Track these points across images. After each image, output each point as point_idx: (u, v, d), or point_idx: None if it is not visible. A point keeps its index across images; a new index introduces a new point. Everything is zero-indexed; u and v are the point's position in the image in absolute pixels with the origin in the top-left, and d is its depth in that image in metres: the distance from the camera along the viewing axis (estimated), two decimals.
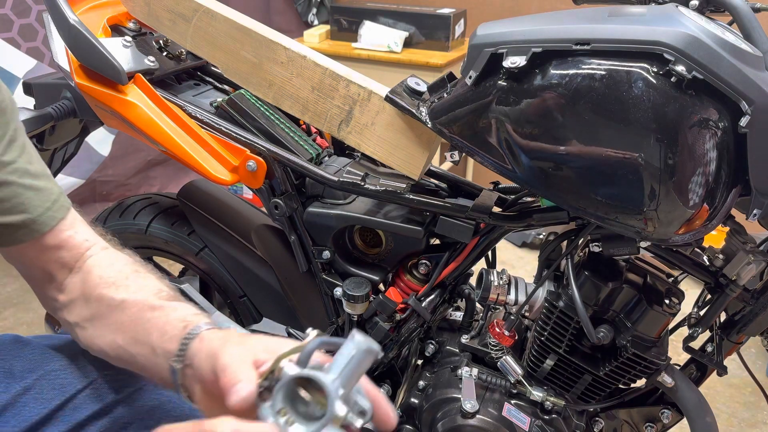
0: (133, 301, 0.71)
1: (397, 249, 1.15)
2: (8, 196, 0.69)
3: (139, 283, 0.74)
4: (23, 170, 0.71)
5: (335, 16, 2.67)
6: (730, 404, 1.90)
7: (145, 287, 0.74)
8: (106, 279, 0.74)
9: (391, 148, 1.07)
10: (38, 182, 0.72)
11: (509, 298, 1.11)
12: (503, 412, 1.12)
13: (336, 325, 1.23)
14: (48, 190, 0.73)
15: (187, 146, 1.11)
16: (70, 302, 0.76)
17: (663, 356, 1.04)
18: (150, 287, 0.74)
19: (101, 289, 0.74)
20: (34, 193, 0.71)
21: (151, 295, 0.72)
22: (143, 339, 0.68)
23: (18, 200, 0.70)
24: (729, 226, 1.01)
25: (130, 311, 0.71)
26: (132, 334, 0.70)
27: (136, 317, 0.70)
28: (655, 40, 0.79)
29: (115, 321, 0.72)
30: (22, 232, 0.71)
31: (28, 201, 0.71)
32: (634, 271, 1.06)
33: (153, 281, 0.75)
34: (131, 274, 0.76)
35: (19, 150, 0.71)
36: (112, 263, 0.77)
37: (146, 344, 0.68)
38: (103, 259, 0.77)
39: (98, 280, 0.74)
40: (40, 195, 0.72)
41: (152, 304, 0.70)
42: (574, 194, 0.88)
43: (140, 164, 2.58)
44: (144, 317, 0.70)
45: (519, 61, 0.85)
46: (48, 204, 0.73)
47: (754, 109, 0.78)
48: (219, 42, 1.13)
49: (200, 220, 1.34)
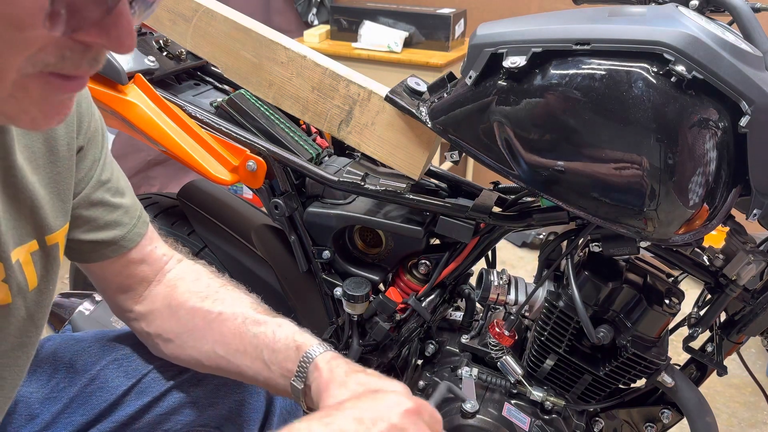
0: (231, 313, 0.75)
1: (397, 249, 1.15)
2: (102, 214, 0.72)
3: (232, 296, 0.78)
4: (115, 189, 0.74)
5: (335, 16, 2.67)
6: (730, 404, 1.90)
7: (239, 300, 0.78)
8: (197, 293, 0.78)
9: (391, 148, 1.07)
10: (125, 200, 0.75)
11: (509, 298, 1.11)
12: (503, 412, 1.12)
13: (336, 326, 1.23)
14: (133, 207, 0.76)
15: (187, 146, 1.11)
16: (150, 313, 0.79)
17: (663, 356, 1.03)
18: (243, 300, 0.78)
19: (193, 302, 0.77)
20: (123, 212, 0.74)
21: (248, 308, 0.76)
22: (252, 353, 0.72)
23: (109, 218, 0.73)
24: (729, 226, 1.01)
25: (231, 324, 0.75)
26: (236, 347, 0.73)
27: (240, 330, 0.74)
28: (655, 40, 0.79)
29: (215, 333, 0.75)
30: (110, 249, 0.74)
31: (117, 219, 0.74)
32: (634, 271, 1.06)
33: (242, 294, 0.80)
34: (220, 288, 0.79)
35: (110, 168, 0.74)
36: (197, 277, 0.80)
37: (257, 359, 0.72)
38: (185, 272, 0.81)
39: (188, 294, 0.78)
40: (128, 213, 0.75)
41: (254, 318, 0.75)
42: (574, 194, 0.88)
43: (140, 164, 2.58)
44: (249, 331, 0.73)
45: (519, 61, 0.85)
46: (134, 221, 0.76)
47: (754, 109, 0.78)
48: (219, 42, 1.13)
49: (200, 220, 1.34)
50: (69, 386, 0.81)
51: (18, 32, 0.37)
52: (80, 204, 0.70)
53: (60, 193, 0.65)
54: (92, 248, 0.73)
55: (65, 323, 1.17)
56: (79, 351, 0.83)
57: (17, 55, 0.38)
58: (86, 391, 0.80)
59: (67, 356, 0.83)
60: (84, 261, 0.75)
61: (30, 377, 0.80)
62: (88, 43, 0.40)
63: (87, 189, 0.70)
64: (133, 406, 0.80)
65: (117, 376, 0.81)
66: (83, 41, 0.40)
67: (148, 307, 0.79)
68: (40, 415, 0.79)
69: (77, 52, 0.40)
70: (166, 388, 0.81)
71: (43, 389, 0.81)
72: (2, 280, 0.61)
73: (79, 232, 0.71)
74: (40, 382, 0.81)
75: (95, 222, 0.72)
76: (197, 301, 0.77)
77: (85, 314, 1.17)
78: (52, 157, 0.64)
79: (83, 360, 0.82)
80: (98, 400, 0.80)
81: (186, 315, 0.77)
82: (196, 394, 0.82)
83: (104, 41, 0.40)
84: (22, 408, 0.79)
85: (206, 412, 0.82)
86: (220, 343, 0.75)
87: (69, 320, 1.17)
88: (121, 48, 0.40)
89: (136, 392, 0.81)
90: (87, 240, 0.72)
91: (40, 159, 0.63)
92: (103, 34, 0.40)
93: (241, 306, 0.77)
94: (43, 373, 0.82)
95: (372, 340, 1.18)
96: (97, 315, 1.17)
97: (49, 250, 0.65)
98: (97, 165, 0.71)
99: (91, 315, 1.17)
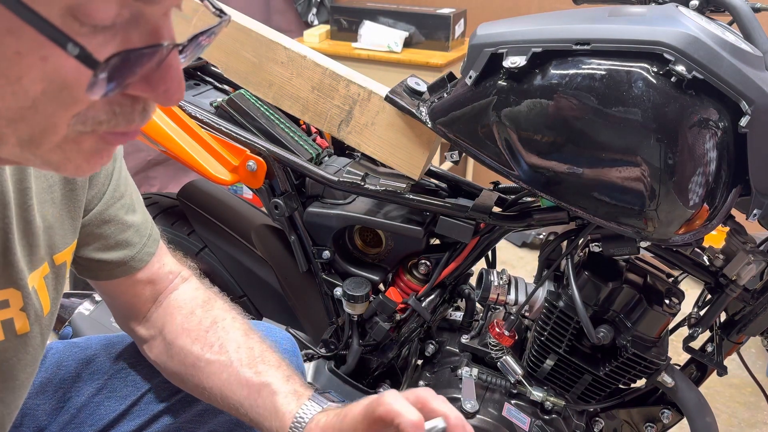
0: (218, 365, 0.73)
1: (397, 249, 1.15)
2: (113, 233, 0.71)
3: (220, 337, 0.75)
4: (128, 206, 0.73)
5: (335, 16, 2.66)
6: (730, 404, 1.89)
7: (225, 345, 0.74)
8: (189, 332, 0.76)
9: (391, 148, 1.07)
10: (136, 217, 0.74)
11: (509, 298, 1.11)
12: (503, 412, 1.12)
13: (336, 326, 1.23)
14: (144, 225, 0.75)
15: (187, 146, 1.11)
16: (151, 339, 0.78)
17: (663, 356, 1.03)
18: (229, 345, 0.75)
19: (183, 342, 0.75)
20: (134, 231, 0.73)
21: (233, 358, 0.73)
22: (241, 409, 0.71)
23: (121, 237, 0.72)
24: (729, 226, 1.01)
25: (217, 378, 0.73)
26: (227, 401, 0.72)
27: (225, 390, 0.72)
28: (655, 40, 0.79)
29: (203, 381, 0.74)
30: (120, 269, 0.73)
31: (128, 239, 0.73)
32: (634, 271, 1.06)
33: (229, 334, 0.76)
34: (210, 328, 0.76)
35: (125, 183, 0.73)
36: (191, 311, 0.78)
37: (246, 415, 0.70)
38: (183, 300, 0.79)
39: (180, 330, 0.76)
40: (138, 231, 0.74)
41: (237, 377, 0.72)
42: (574, 194, 0.88)
43: (140, 164, 2.58)
44: (234, 393, 0.71)
45: (519, 61, 0.85)
46: (144, 240, 0.74)
47: (754, 109, 0.78)
48: (219, 42, 1.13)
49: (200, 220, 1.34)
50: (76, 396, 0.80)
51: (65, 91, 0.36)
52: (92, 221, 0.69)
53: (71, 210, 0.65)
54: (101, 267, 0.72)
55: (65, 323, 1.17)
56: (85, 360, 0.83)
57: (65, 112, 0.37)
58: (94, 401, 0.80)
59: (73, 366, 0.82)
60: (93, 278, 0.75)
61: (35, 389, 0.80)
62: (136, 97, 0.40)
63: (99, 205, 0.69)
64: (142, 417, 0.80)
65: (125, 386, 0.81)
66: (131, 95, 0.39)
67: (148, 332, 0.78)
68: (48, 427, 0.79)
69: (127, 106, 0.40)
70: (175, 400, 0.81)
71: (50, 401, 0.80)
72: (20, 309, 0.59)
73: (89, 250, 0.70)
74: (46, 394, 0.80)
75: (106, 240, 0.71)
76: (188, 342, 0.76)
77: (85, 314, 1.17)
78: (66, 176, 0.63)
79: (90, 370, 0.82)
80: (107, 410, 0.79)
81: (178, 354, 0.76)
82: (206, 404, 0.81)
83: (151, 96, 0.39)
84: (29, 421, 0.78)
85: (215, 419, 0.82)
86: (212, 393, 0.74)
87: (69, 320, 1.17)
88: (168, 102, 0.40)
89: (145, 402, 0.80)
90: (97, 259, 0.71)
91: (55, 177, 0.62)
92: (149, 89, 0.39)
93: (226, 354, 0.74)
94: (48, 383, 0.81)
95: (372, 340, 1.18)
96: (97, 315, 1.17)
97: (58, 269, 0.65)
98: (111, 180, 0.70)
99: (91, 315, 1.17)
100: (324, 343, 1.24)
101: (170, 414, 0.81)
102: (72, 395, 0.80)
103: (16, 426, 0.77)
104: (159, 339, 0.77)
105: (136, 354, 0.83)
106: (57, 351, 0.84)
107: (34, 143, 0.38)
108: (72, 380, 0.81)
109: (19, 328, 0.60)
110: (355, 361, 1.20)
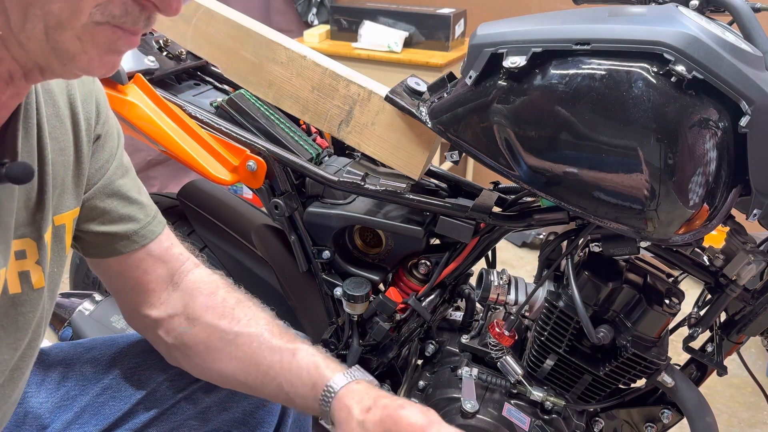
0: (247, 336, 0.75)
1: (397, 249, 1.15)
2: (117, 207, 0.72)
3: (248, 315, 0.77)
4: (131, 186, 0.75)
5: (335, 16, 2.66)
6: (730, 404, 1.89)
7: (255, 320, 0.77)
8: (214, 308, 0.77)
9: (391, 148, 1.07)
10: (140, 197, 0.75)
11: (509, 298, 1.11)
12: (503, 412, 1.12)
13: (336, 326, 1.23)
14: (148, 206, 0.76)
15: (187, 146, 1.11)
16: (169, 320, 0.78)
17: (663, 356, 1.03)
18: (259, 320, 0.77)
19: (210, 318, 0.77)
20: (138, 208, 0.75)
21: (264, 330, 0.75)
22: (270, 382, 0.73)
23: (124, 212, 0.73)
24: (729, 226, 1.01)
25: (247, 348, 0.74)
26: (254, 375, 0.74)
27: (256, 357, 0.74)
28: (655, 40, 0.79)
29: (231, 356, 0.75)
30: (122, 243, 0.73)
31: (132, 213, 0.74)
32: (634, 271, 1.06)
33: (258, 312, 0.78)
34: (236, 305, 0.78)
35: (127, 169, 0.75)
36: (214, 290, 0.79)
37: (275, 387, 0.73)
38: (202, 281, 0.80)
39: (204, 308, 0.77)
40: (143, 210, 0.75)
41: (269, 344, 0.74)
42: (574, 194, 0.88)
43: (140, 164, 2.58)
44: (264, 359, 0.73)
45: (519, 61, 0.85)
46: (149, 219, 0.76)
47: (754, 109, 0.78)
48: (219, 42, 1.13)
49: (200, 220, 1.34)
50: (80, 395, 0.80)
51: None
52: (96, 194, 0.70)
53: (76, 177, 0.67)
54: (105, 241, 0.73)
55: (65, 323, 1.17)
56: (89, 360, 0.83)
57: (89, 0, 0.44)
58: (99, 401, 0.80)
59: (77, 364, 0.82)
60: (98, 255, 0.74)
61: (39, 387, 0.80)
62: (144, 4, 0.47)
63: (103, 180, 0.71)
64: (146, 416, 0.80)
65: (130, 386, 0.81)
66: (140, 3, 0.47)
67: (166, 312, 0.77)
68: (51, 425, 0.79)
69: (136, 10, 0.47)
70: (179, 398, 0.81)
71: (53, 398, 0.80)
72: (36, 261, 0.61)
73: (94, 224, 0.71)
74: (48, 391, 0.80)
75: (109, 214, 0.72)
76: (214, 318, 0.76)
77: (85, 314, 1.17)
78: (75, 140, 0.66)
79: (94, 368, 0.82)
80: (111, 409, 0.80)
81: (202, 331, 0.76)
82: (210, 401, 0.81)
83: (157, 1, 0.48)
84: (31, 419, 0.78)
85: (219, 417, 0.82)
86: (238, 368, 0.74)
87: (69, 320, 1.17)
88: (169, 10, 0.48)
89: (149, 401, 0.80)
90: (100, 232, 0.72)
91: (67, 140, 0.65)
92: None
93: (257, 326, 0.76)
94: (51, 381, 0.81)
95: (372, 340, 1.18)
96: (97, 315, 1.17)
97: (57, 230, 0.65)
98: (113, 159, 0.72)
99: (91, 315, 1.17)
100: (324, 343, 1.24)
101: (174, 413, 0.81)
102: (76, 394, 0.80)
103: (19, 424, 0.77)
104: (180, 317, 0.77)
105: (141, 354, 0.83)
106: (61, 351, 0.84)
107: (59, 27, 0.45)
108: (76, 380, 0.81)
109: (35, 281, 0.61)
110: (355, 361, 1.20)
